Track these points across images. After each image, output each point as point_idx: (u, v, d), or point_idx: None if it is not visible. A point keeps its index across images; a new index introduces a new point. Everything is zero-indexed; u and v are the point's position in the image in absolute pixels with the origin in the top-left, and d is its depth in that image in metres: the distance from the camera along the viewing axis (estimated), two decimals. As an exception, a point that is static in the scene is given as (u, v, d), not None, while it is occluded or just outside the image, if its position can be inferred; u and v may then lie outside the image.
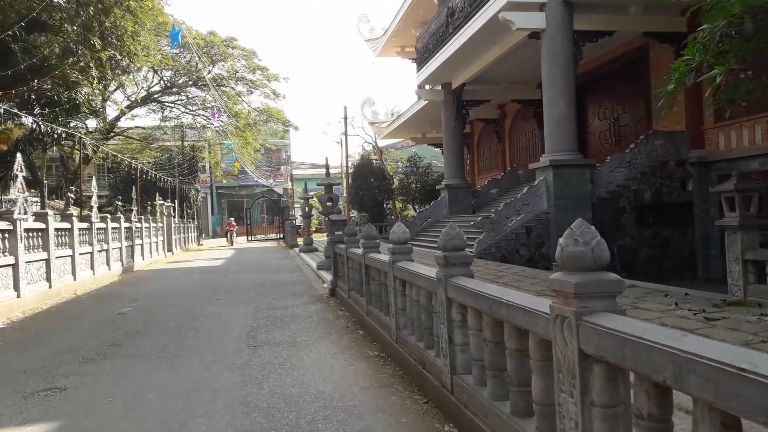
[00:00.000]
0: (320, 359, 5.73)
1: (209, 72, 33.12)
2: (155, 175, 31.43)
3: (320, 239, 31.82)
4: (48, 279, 10.89)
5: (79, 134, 15.26)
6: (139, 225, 19.80)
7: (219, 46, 33.46)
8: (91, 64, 12.14)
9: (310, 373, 5.20)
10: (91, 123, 36.12)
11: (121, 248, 16.95)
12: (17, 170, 9.36)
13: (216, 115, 25.14)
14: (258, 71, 34.58)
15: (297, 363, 5.58)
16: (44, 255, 10.71)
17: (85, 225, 13.61)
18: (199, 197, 38.74)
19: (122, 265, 16.97)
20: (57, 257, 11.36)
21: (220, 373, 5.32)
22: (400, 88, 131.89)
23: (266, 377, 5.11)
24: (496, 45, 18.04)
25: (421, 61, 24.42)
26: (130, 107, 35.35)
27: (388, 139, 50.38)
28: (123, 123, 37.82)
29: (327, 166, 15.42)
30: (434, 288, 4.17)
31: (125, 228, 17.74)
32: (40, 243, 10.65)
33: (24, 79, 10.81)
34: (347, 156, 39.07)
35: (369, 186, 34.78)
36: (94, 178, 15.65)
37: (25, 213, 9.60)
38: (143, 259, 20.02)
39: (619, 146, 18.61)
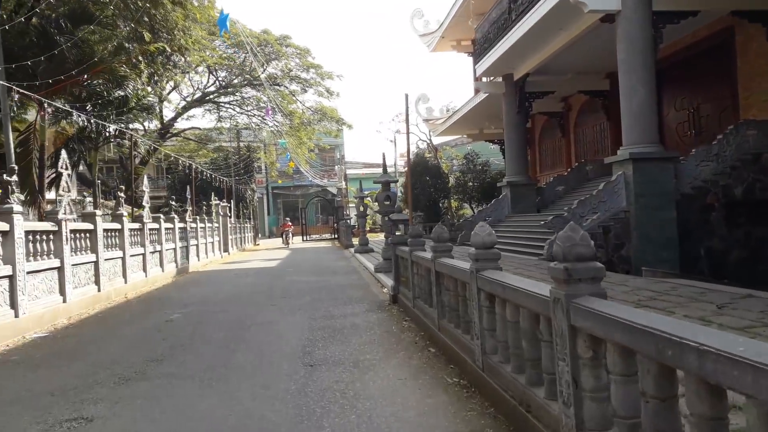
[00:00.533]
0: (389, 386, 4.78)
1: (263, 71, 32.89)
2: (211, 175, 31.42)
3: (375, 239, 31.07)
4: (97, 282, 10.43)
5: (129, 132, 14.92)
6: (194, 225, 19.48)
7: (273, 45, 33.18)
8: (140, 58, 11.69)
9: (378, 406, 4.26)
10: (150, 124, 36.69)
11: (175, 249, 16.58)
12: (62, 168, 8.86)
13: (270, 114, 24.67)
14: (312, 69, 34.12)
15: (362, 391, 4.65)
16: (92, 257, 10.25)
17: (136, 225, 13.20)
18: (255, 197, 38.72)
19: (176, 267, 16.60)
20: (106, 259, 10.90)
21: (270, 404, 4.45)
22: (455, 84, 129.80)
23: (326, 411, 4.20)
24: (562, 32, 16.75)
25: (480, 51, 23.21)
26: (186, 108, 35.65)
27: (443, 137, 49.21)
28: (180, 124, 38.30)
29: (384, 163, 14.51)
30: (546, 310, 3.14)
31: (179, 228, 17.39)
32: (88, 245, 10.19)
33: (71, 74, 10.43)
34: (409, 150, 38.08)
35: (424, 184, 33.79)
36: (145, 177, 15.28)
37: (71, 213, 9.11)
38: (198, 259, 19.69)
39: (699, 138, 16.94)
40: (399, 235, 9.23)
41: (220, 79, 34.54)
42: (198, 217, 20.52)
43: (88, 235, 10.20)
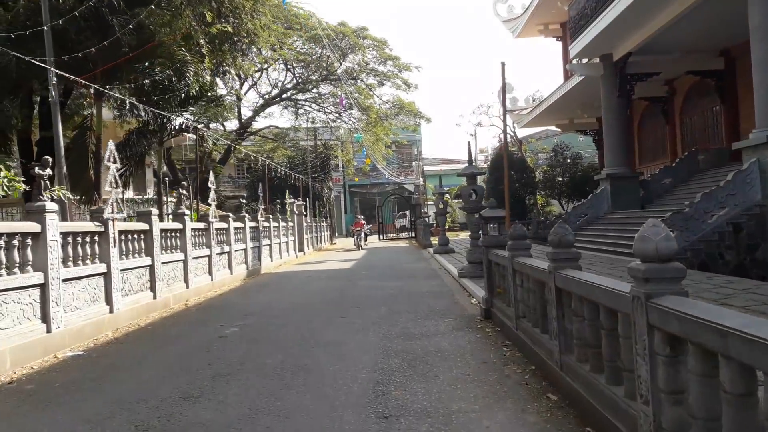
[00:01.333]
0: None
1: (340, 65, 31.88)
2: (287, 173, 30.80)
3: (455, 239, 29.33)
4: (152, 288, 9.44)
5: (195, 125, 14.08)
6: (266, 224, 18.58)
7: (350, 37, 32.14)
8: (201, 41, 10.67)
9: None
10: (229, 124, 36.72)
11: (245, 250, 15.65)
12: (109, 161, 7.84)
13: (344, 104, 23.52)
14: (389, 61, 32.82)
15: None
16: (147, 260, 9.26)
17: (200, 225, 12.25)
18: (332, 196, 37.94)
19: (247, 268, 15.67)
20: (164, 263, 9.92)
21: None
22: (541, 72, 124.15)
23: None
24: (672, 3, 14.54)
25: (574, 30, 20.97)
26: (264, 105, 35.32)
27: (529, 128, 46.59)
28: (259, 123, 38.13)
29: (469, 152, 12.83)
30: None
31: (251, 228, 16.47)
32: (142, 247, 9.21)
33: (126, 57, 9.57)
34: (505, 128, 35.98)
35: (508, 179, 31.59)
36: (211, 172, 14.39)
37: (121, 212, 8.09)
38: (272, 260, 18.78)
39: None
40: (493, 236, 7.57)
41: (297, 75, 33.90)
42: (271, 216, 19.62)
43: (142, 236, 9.23)
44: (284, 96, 35.52)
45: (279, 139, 38.38)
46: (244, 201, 22.41)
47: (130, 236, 8.75)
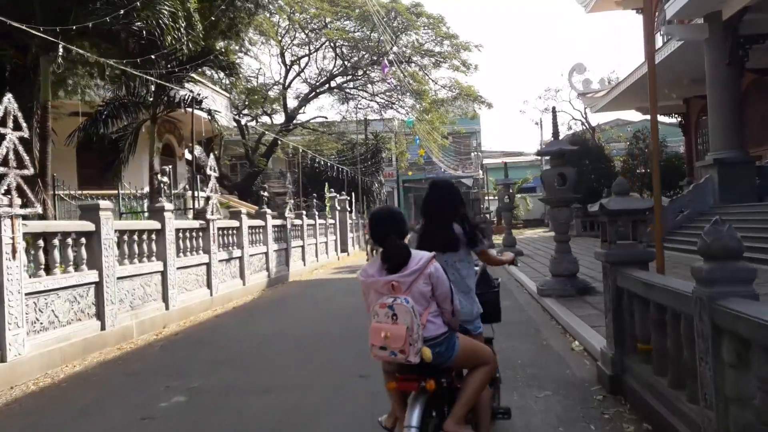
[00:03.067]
0: None
1: (393, 44, 28.62)
2: (333, 166, 27.97)
3: (521, 237, 25.68)
4: (99, 315, 6.55)
5: (196, 96, 11.20)
6: (298, 222, 15.68)
7: (403, 14, 28.90)
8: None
9: None
10: (280, 119, 34.21)
11: (266, 253, 12.76)
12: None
13: (386, 70, 20.29)
14: (446, 41, 29.38)
15: None
16: (90, 276, 6.37)
17: (193, 225, 9.36)
18: (383, 191, 34.88)
19: (269, 276, 12.78)
20: (123, 277, 7.03)
21: None
22: (618, 50, 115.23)
23: None
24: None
25: (672, -16, 17.06)
26: (311, 93, 32.56)
27: (604, 113, 42.08)
28: (308, 115, 35.50)
29: (555, 124, 9.34)
30: None
31: (275, 227, 13.59)
32: (83, 257, 6.34)
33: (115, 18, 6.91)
34: (651, 41, 32.17)
35: (583, 170, 27.64)
36: (212, 156, 11.54)
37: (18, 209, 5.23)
38: (304, 264, 15.86)
39: None
40: (628, 246, 4.22)
41: (345, 58, 30.89)
42: (305, 213, 16.71)
43: (82, 240, 6.36)
44: (332, 84, 32.70)
45: (327, 129, 35.64)
46: (291, 199, 19.72)
47: (56, 241, 5.89)
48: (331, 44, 30.48)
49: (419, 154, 32.62)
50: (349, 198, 22.94)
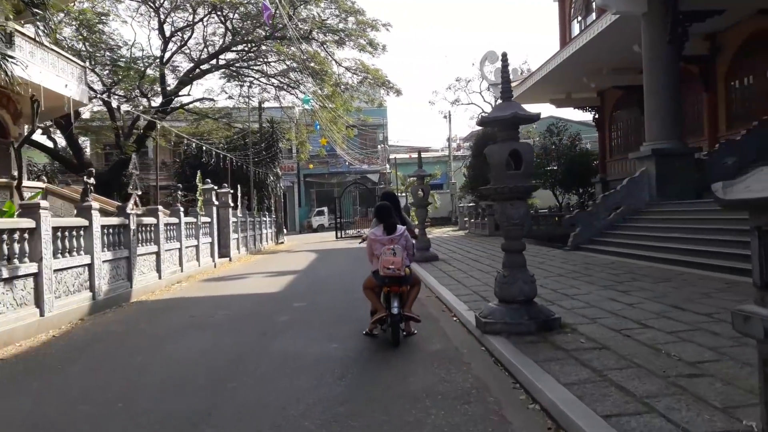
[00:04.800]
0: None
1: (290, 19, 24.96)
2: (222, 156, 23.95)
3: (432, 237, 22.99)
4: None
5: None
6: (151, 221, 11.87)
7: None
8: None
9: None
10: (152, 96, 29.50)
11: (91, 265, 8.95)
12: None
13: (267, 12, 16.66)
14: (351, 17, 26.15)
15: None
16: None
17: None
18: (279, 186, 31.09)
19: (93, 298, 8.96)
20: None
21: None
22: (532, 39, 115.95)
23: None
24: None
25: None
26: (194, 70, 28.16)
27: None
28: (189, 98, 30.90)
29: (506, 70, 6.35)
30: None
31: (108, 228, 9.77)
32: None
33: None
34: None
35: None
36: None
37: None
38: (160, 276, 12.06)
39: None
40: None
41: (235, 26, 26.74)
42: (161, 209, 12.88)
43: None
44: (221, 60, 28.50)
45: (215, 114, 31.33)
46: (180, 192, 15.73)
47: None
48: (218, 13, 26.36)
49: (321, 144, 29.20)
50: (232, 191, 19.12)
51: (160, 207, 12.62)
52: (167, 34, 27.69)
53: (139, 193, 12.83)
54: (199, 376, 5.24)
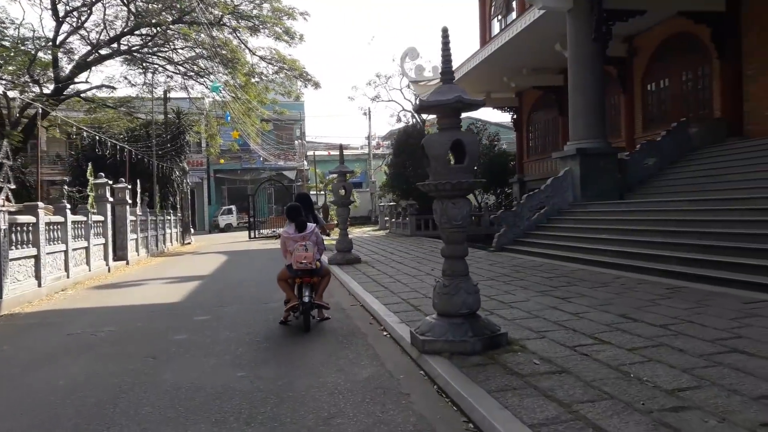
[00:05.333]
0: None
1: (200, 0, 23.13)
2: (119, 148, 21.78)
3: (357, 236, 21.99)
4: None
5: None
6: (29, 219, 10.13)
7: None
8: None
9: None
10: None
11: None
12: None
13: None
14: (266, 3, 24.66)
15: None
16: None
17: None
18: (186, 181, 28.98)
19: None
20: None
21: None
22: (455, 37, 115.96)
23: None
24: None
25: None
26: (90, 55, 25.61)
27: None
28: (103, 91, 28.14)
29: (446, 46, 5.51)
30: None
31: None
32: None
33: None
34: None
35: (416, 165, 24.97)
36: None
37: None
38: (40, 283, 10.34)
39: None
40: None
41: (135, 10, 24.54)
42: (41, 205, 11.12)
43: None
44: (123, 45, 26.10)
45: (116, 103, 28.74)
46: (67, 187, 13.74)
47: None
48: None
49: (233, 137, 27.46)
50: (130, 187, 17.26)
51: (40, 203, 10.84)
52: (61, 13, 25.00)
53: (12, 187, 10.99)
54: (62, 423, 3.99)
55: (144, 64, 26.65)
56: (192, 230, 29.82)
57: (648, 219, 11.50)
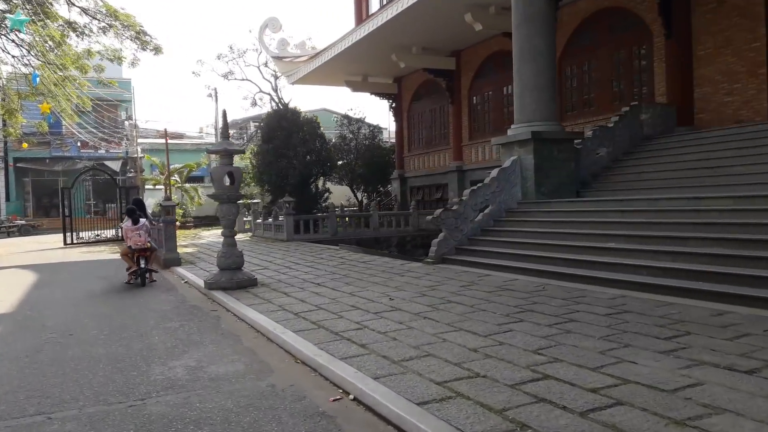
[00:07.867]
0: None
1: None
2: None
3: (201, 241, 16.97)
4: None
5: None
6: None
7: None
8: None
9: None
10: None
11: None
12: None
13: None
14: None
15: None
16: None
17: None
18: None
19: None
20: None
21: None
22: (324, 10, 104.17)
23: None
24: None
25: None
26: None
27: (304, 85, 36.23)
28: None
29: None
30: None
31: None
32: None
33: None
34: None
35: (294, 153, 20.73)
36: None
37: None
38: None
39: None
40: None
41: None
42: None
43: None
44: None
45: None
46: None
47: None
48: None
49: (42, 112, 20.65)
50: None
51: None
52: None
53: None
54: None
55: None
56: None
57: (616, 222, 9.11)
